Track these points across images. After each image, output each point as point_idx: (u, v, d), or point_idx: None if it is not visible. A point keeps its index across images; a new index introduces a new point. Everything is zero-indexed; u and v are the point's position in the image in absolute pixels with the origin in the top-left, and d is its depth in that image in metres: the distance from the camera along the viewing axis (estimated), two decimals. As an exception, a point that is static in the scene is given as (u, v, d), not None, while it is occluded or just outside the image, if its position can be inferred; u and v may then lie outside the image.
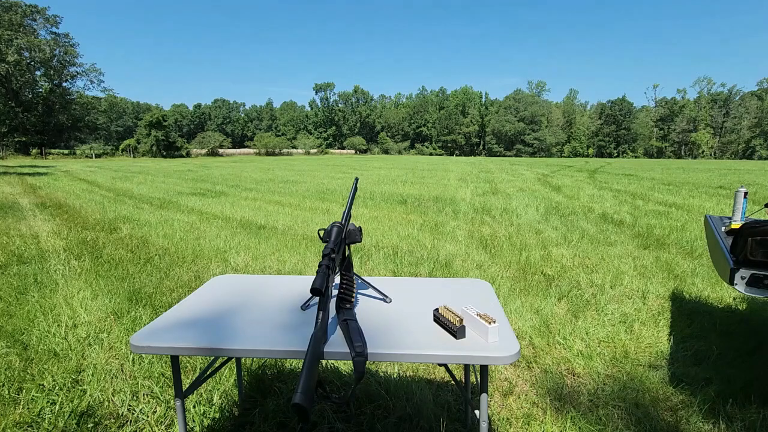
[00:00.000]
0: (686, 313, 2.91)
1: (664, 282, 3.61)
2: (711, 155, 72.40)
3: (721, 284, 3.48)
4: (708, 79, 76.43)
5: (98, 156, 45.12)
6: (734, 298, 3.21)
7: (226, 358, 1.71)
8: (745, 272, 1.58)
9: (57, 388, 1.96)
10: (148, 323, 1.24)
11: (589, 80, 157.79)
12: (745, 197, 2.16)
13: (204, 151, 56.94)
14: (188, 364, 2.18)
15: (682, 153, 74.33)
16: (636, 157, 73.94)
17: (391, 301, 1.38)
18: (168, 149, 47.78)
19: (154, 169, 22.35)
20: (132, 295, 3.17)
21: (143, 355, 2.21)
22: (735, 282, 1.61)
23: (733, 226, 2.05)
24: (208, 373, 1.51)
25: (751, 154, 68.72)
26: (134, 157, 45.50)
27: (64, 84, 44.31)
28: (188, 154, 50.62)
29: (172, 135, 50.08)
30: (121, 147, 49.95)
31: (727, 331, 2.63)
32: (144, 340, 1.12)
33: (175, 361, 1.23)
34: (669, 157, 71.84)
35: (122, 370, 2.12)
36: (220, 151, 59.90)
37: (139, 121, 53.30)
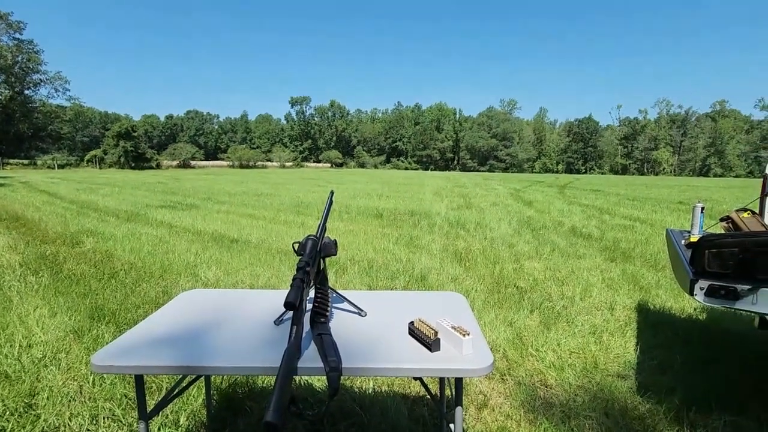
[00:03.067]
0: (651, 324, 3.02)
1: (630, 293, 3.74)
2: (671, 172, 76.29)
3: (682, 295, 3.64)
4: (667, 101, 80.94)
5: (61, 167, 43.23)
6: (695, 308, 3.36)
7: (194, 376, 1.64)
8: (703, 283, 1.65)
9: (8, 413, 1.83)
10: (111, 341, 1.18)
11: (557, 99, 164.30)
12: (702, 212, 2.29)
13: (175, 163, 55.63)
14: (153, 384, 2.08)
15: (645, 170, 78.02)
16: (603, 173, 77.06)
17: (366, 315, 1.37)
18: (137, 161, 46.34)
19: (121, 180, 21.59)
20: (94, 312, 3.01)
21: (105, 376, 2.10)
22: (695, 293, 1.68)
23: (691, 239, 2.15)
24: (174, 392, 1.45)
25: (707, 172, 72.91)
26: (100, 168, 43.86)
27: (26, 92, 42.48)
28: (158, 166, 49.27)
29: (141, 146, 48.67)
30: (87, 158, 48.06)
31: (689, 340, 2.74)
32: (106, 359, 1.06)
33: (139, 380, 1.18)
34: (633, 174, 75.22)
35: (81, 392, 2.00)
36: (193, 163, 58.69)
37: (107, 131, 51.52)
